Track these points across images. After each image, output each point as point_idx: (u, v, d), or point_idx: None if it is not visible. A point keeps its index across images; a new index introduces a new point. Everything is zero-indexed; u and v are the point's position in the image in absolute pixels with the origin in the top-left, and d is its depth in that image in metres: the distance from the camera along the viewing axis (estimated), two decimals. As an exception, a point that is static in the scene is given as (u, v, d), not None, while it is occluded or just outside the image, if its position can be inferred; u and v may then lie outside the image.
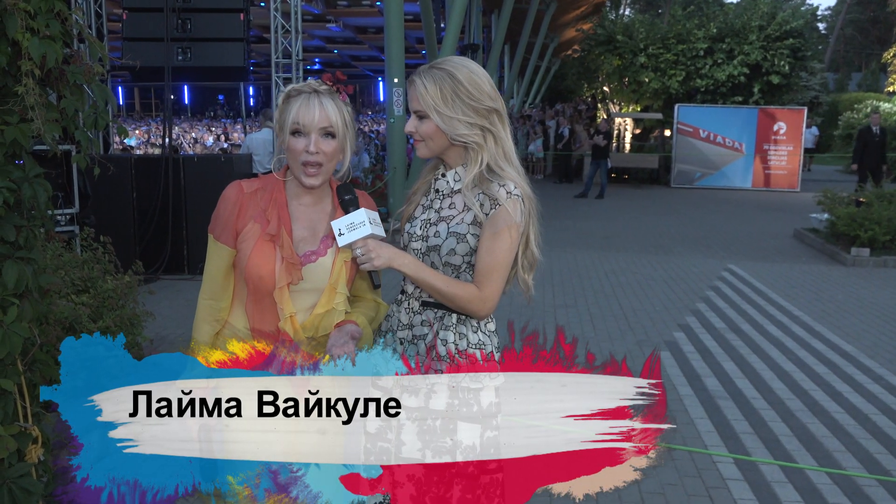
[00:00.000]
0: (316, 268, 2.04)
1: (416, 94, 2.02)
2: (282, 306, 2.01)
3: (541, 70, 40.62)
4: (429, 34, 15.02)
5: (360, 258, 1.95)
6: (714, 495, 3.68)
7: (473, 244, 2.03)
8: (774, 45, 21.71)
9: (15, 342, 2.42)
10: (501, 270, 2.02)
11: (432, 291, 2.03)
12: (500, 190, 2.00)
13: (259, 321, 2.07)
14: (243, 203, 2.05)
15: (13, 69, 2.43)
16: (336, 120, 2.00)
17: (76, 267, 4.37)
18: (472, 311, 2.04)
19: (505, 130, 2.07)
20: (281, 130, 2.03)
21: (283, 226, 2.03)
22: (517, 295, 2.20)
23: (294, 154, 1.99)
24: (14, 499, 2.48)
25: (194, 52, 9.53)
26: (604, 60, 23.34)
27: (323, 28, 33.76)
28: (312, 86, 2.02)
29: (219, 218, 2.08)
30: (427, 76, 2.02)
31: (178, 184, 8.33)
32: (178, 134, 32.06)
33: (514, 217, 2.00)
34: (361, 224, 1.94)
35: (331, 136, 2.00)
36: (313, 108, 1.98)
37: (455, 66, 2.02)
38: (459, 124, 2.00)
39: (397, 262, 1.99)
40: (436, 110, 2.00)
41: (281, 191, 2.08)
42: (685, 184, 20.50)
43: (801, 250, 11.11)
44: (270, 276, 2.00)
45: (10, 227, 2.43)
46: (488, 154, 2.04)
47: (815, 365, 5.75)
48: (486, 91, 2.02)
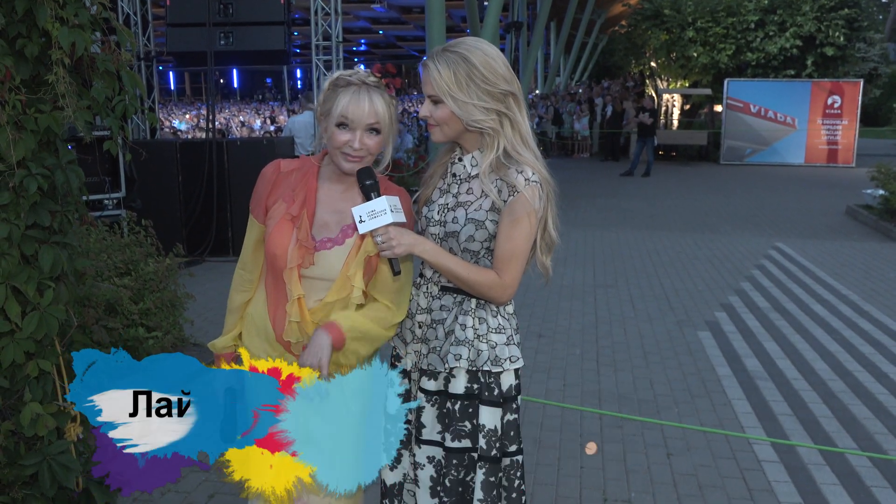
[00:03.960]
0: (330, 255, 2.05)
1: (430, 79, 2.00)
2: (290, 287, 2.03)
3: (588, 47, 40.03)
4: (471, 12, 14.91)
5: (381, 245, 1.95)
6: (748, 477, 3.64)
7: (492, 230, 2.02)
8: (829, 16, 21.03)
9: (52, 324, 2.50)
10: (521, 257, 2.01)
11: (452, 278, 2.03)
12: (519, 177, 1.99)
13: (275, 300, 2.11)
14: (277, 181, 2.09)
15: (45, 58, 2.51)
16: (384, 116, 2.01)
17: (118, 250, 4.49)
18: (493, 298, 2.04)
19: (522, 114, 2.04)
20: (325, 117, 2.03)
21: (307, 208, 2.05)
22: (554, 276, 2.19)
23: (337, 144, 2.01)
24: (54, 475, 2.58)
25: (236, 37, 9.63)
26: (651, 35, 22.93)
27: (368, 9, 33.77)
28: (362, 77, 2.01)
29: (255, 193, 2.15)
30: (440, 60, 1.99)
31: (222, 167, 8.47)
32: (227, 117, 32.51)
33: (533, 204, 1.98)
34: (383, 212, 1.93)
35: (376, 131, 2.01)
36: (363, 103, 1.97)
37: (469, 48, 1.99)
38: (475, 109, 1.98)
39: (418, 249, 2.00)
40: (450, 95, 1.97)
41: (314, 174, 2.10)
42: (735, 160, 20.08)
43: (852, 227, 10.82)
44: (283, 256, 2.03)
45: (46, 212, 2.51)
46: (505, 139, 2.02)
47: (860, 345, 5.61)
48: (501, 74, 1.99)
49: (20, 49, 2.42)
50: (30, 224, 2.46)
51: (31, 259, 2.50)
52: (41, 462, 2.56)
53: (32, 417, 2.50)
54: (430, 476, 2.10)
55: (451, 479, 2.06)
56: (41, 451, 2.58)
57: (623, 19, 32.93)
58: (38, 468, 2.57)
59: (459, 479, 2.06)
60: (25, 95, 2.42)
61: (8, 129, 2.37)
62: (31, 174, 2.38)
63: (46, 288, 2.51)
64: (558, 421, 4.28)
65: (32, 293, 2.46)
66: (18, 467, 2.59)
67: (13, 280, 2.42)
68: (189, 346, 4.68)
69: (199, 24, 9.41)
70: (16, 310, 2.43)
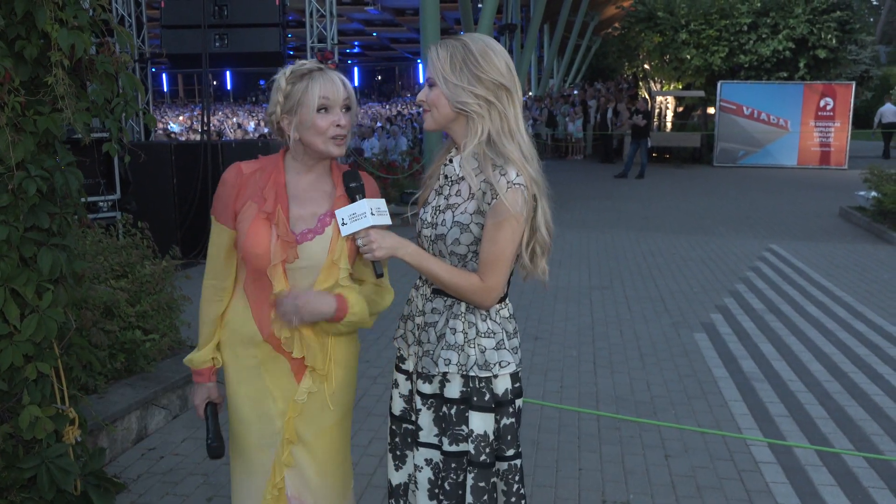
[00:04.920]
0: (313, 245, 2.06)
1: (429, 62, 2.04)
2: (274, 283, 2.04)
3: (581, 49, 40.14)
4: (465, 14, 14.94)
5: (362, 248, 1.98)
6: (746, 478, 3.64)
7: (477, 233, 2.01)
8: (821, 19, 21.11)
9: (50, 327, 2.49)
10: (505, 261, 1.99)
11: (436, 281, 2.02)
12: (501, 179, 1.96)
13: (258, 300, 2.11)
14: (242, 184, 2.08)
15: (44, 60, 2.50)
16: (351, 92, 2.08)
17: (115, 252, 4.47)
18: (476, 302, 2.02)
19: (514, 110, 2.02)
20: (295, 110, 2.03)
21: (280, 204, 2.06)
22: (550, 278, 2.17)
23: (320, 130, 2.02)
24: (52, 478, 2.57)
25: (231, 38, 9.63)
26: (644, 38, 22.96)
27: (361, 11, 33.79)
28: (316, 63, 2.09)
29: (219, 198, 2.12)
30: (442, 45, 2.03)
31: (216, 169, 8.45)
32: (221, 119, 32.45)
33: (514, 208, 1.95)
34: (363, 215, 1.96)
35: (348, 108, 2.06)
36: (336, 83, 2.03)
37: (473, 38, 2.02)
38: (463, 92, 1.98)
39: (400, 252, 2.00)
40: (442, 76, 2.00)
41: (280, 171, 2.10)
42: (728, 162, 20.14)
43: (846, 229, 10.86)
44: (266, 254, 2.03)
45: (45, 214, 2.50)
46: (490, 125, 2.00)
47: (855, 347, 5.64)
48: (495, 65, 1.99)
49: (19, 51, 2.42)
50: (29, 226, 2.45)
51: (30, 261, 2.49)
52: (40, 465, 2.55)
53: (31, 420, 2.49)
54: (428, 478, 2.10)
55: (451, 483, 2.05)
56: (40, 455, 2.57)
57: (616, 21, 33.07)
58: (36, 471, 2.56)
59: (459, 482, 2.05)
60: (24, 97, 2.41)
61: (7, 131, 2.36)
62: (30, 176, 2.37)
63: (45, 290, 2.50)
64: (556, 423, 4.28)
65: (31, 295, 2.45)
66: (17, 470, 2.58)
67: (12, 282, 2.41)
68: (186, 348, 4.67)
69: (195, 26, 9.40)
70: (14, 312, 2.42)
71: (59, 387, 2.69)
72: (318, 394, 2.15)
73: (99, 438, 3.66)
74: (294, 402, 2.14)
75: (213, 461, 3.76)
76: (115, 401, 3.90)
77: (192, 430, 4.15)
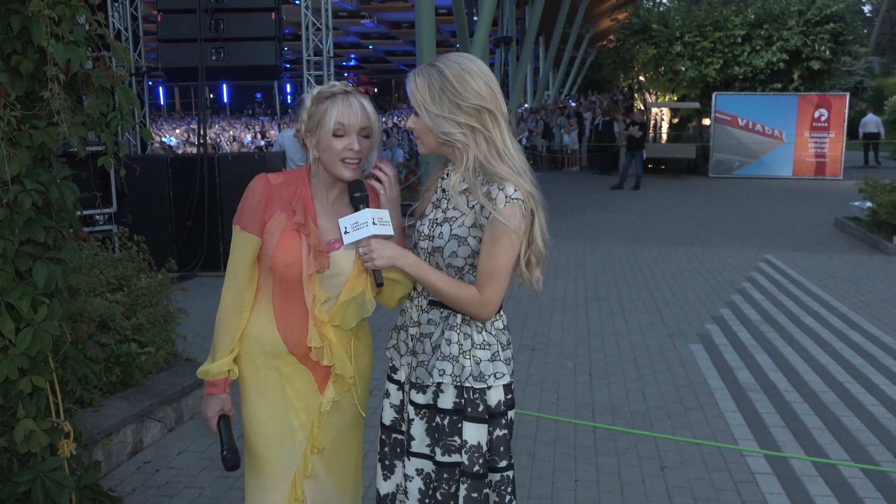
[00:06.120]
0: (339, 255, 2.11)
1: (410, 93, 2.05)
2: (314, 293, 2.07)
3: (576, 61, 40.33)
4: (461, 27, 15.00)
5: (363, 257, 2.01)
6: (742, 490, 3.64)
7: (475, 246, 2.02)
8: (815, 30, 21.24)
9: (45, 340, 2.49)
10: (502, 274, 2.01)
11: (434, 292, 2.04)
12: (500, 194, 1.98)
13: (283, 311, 2.12)
14: (270, 194, 2.11)
15: (40, 74, 2.51)
16: (373, 121, 2.11)
17: (111, 265, 4.47)
18: (473, 314, 2.03)
19: (499, 130, 2.02)
20: (315, 131, 2.09)
21: (309, 216, 2.10)
22: (546, 290, 2.18)
23: (334, 152, 2.06)
24: (47, 492, 2.56)
25: (227, 52, 9.66)
26: (639, 50, 23.09)
27: (357, 24, 33.91)
28: (343, 87, 2.12)
29: (245, 209, 2.12)
30: (420, 73, 2.03)
31: (213, 182, 8.46)
32: (217, 132, 32.48)
33: (513, 222, 1.96)
34: (365, 224, 1.99)
35: (366, 136, 2.10)
36: (355, 108, 2.06)
37: (448, 63, 2.02)
38: (445, 122, 1.99)
39: (400, 262, 2.01)
40: (424, 107, 2.01)
41: (306, 185, 2.14)
42: (723, 173, 20.20)
43: (841, 240, 10.89)
44: (298, 264, 2.06)
45: (40, 228, 2.50)
46: (477, 151, 2.01)
47: (851, 357, 5.64)
48: (474, 89, 1.98)
49: (15, 65, 2.43)
50: (24, 240, 2.46)
51: (25, 275, 2.49)
52: (35, 479, 2.54)
53: (26, 434, 2.48)
54: (419, 489, 2.10)
55: (443, 493, 2.05)
56: (34, 468, 2.56)
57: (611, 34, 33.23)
58: (31, 485, 2.55)
59: (451, 492, 2.06)
60: (20, 112, 2.42)
61: (2, 146, 2.37)
62: (25, 190, 2.38)
63: (40, 304, 2.50)
64: (552, 434, 4.28)
65: (26, 309, 2.45)
66: (12, 484, 2.57)
67: (7, 296, 2.41)
68: (182, 361, 4.66)
69: (191, 40, 9.43)
70: (9, 326, 2.42)
71: (55, 400, 2.69)
72: (338, 403, 2.18)
73: (94, 452, 3.65)
74: (319, 412, 2.16)
75: (210, 474, 3.76)
76: (111, 414, 3.89)
77: (188, 444, 4.14)
